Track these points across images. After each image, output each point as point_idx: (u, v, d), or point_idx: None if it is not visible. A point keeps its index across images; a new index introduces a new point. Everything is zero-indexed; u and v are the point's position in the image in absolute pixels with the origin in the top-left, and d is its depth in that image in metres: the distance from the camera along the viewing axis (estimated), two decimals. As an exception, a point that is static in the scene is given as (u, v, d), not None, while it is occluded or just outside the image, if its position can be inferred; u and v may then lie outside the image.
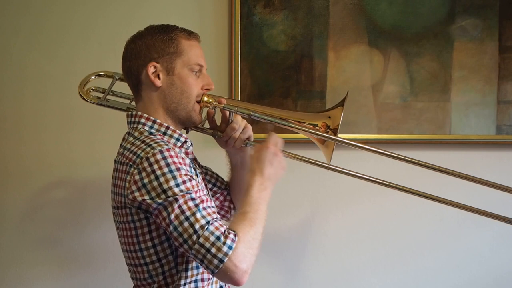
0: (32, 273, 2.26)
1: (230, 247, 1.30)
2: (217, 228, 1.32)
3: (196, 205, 1.34)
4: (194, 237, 1.31)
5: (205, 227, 1.31)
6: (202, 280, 1.48)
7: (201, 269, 1.47)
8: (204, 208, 1.35)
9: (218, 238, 1.30)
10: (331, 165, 1.61)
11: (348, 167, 1.67)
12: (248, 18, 2.17)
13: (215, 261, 1.29)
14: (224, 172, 1.76)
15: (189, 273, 1.45)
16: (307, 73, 2.19)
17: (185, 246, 1.33)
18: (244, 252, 1.32)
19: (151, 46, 1.49)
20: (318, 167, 1.64)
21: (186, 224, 1.32)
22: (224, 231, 1.33)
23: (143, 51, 1.49)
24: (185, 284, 1.45)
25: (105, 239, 2.19)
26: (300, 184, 2.24)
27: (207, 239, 1.30)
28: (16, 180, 2.24)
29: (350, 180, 1.67)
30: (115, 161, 1.50)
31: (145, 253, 1.44)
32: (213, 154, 1.78)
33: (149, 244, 1.43)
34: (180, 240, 1.33)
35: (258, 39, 2.18)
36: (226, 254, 1.29)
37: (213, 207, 1.39)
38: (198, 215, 1.33)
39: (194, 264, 1.46)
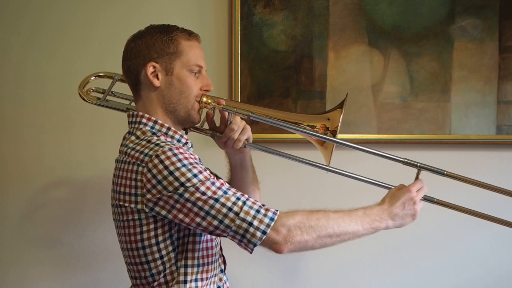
0: (32, 273, 2.26)
1: (272, 219, 1.34)
2: (254, 203, 1.37)
3: (219, 188, 1.37)
4: (231, 214, 1.34)
5: (239, 203, 1.35)
6: (201, 279, 1.47)
7: (200, 268, 1.47)
8: (229, 188, 1.38)
9: (258, 211, 1.35)
10: (330, 166, 1.61)
11: (347, 167, 1.67)
12: (248, 18, 2.17)
13: (258, 233, 1.33)
14: (223, 173, 1.76)
15: (189, 270, 1.46)
16: (307, 73, 2.19)
17: (222, 227, 1.35)
18: (289, 224, 1.35)
19: (150, 46, 1.49)
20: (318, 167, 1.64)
21: (218, 205, 1.35)
22: (263, 205, 1.37)
23: (142, 51, 1.49)
24: (185, 282, 1.45)
25: (105, 239, 2.19)
26: (300, 184, 2.23)
27: (247, 213, 1.34)
28: (16, 180, 2.24)
29: (350, 180, 1.67)
30: (117, 160, 1.50)
31: (147, 250, 1.44)
32: (212, 154, 1.78)
33: (153, 241, 1.43)
34: (215, 222, 1.35)
35: (258, 39, 2.18)
36: (268, 225, 1.34)
37: (233, 188, 1.42)
38: (227, 194, 1.36)
39: (195, 261, 1.46)
